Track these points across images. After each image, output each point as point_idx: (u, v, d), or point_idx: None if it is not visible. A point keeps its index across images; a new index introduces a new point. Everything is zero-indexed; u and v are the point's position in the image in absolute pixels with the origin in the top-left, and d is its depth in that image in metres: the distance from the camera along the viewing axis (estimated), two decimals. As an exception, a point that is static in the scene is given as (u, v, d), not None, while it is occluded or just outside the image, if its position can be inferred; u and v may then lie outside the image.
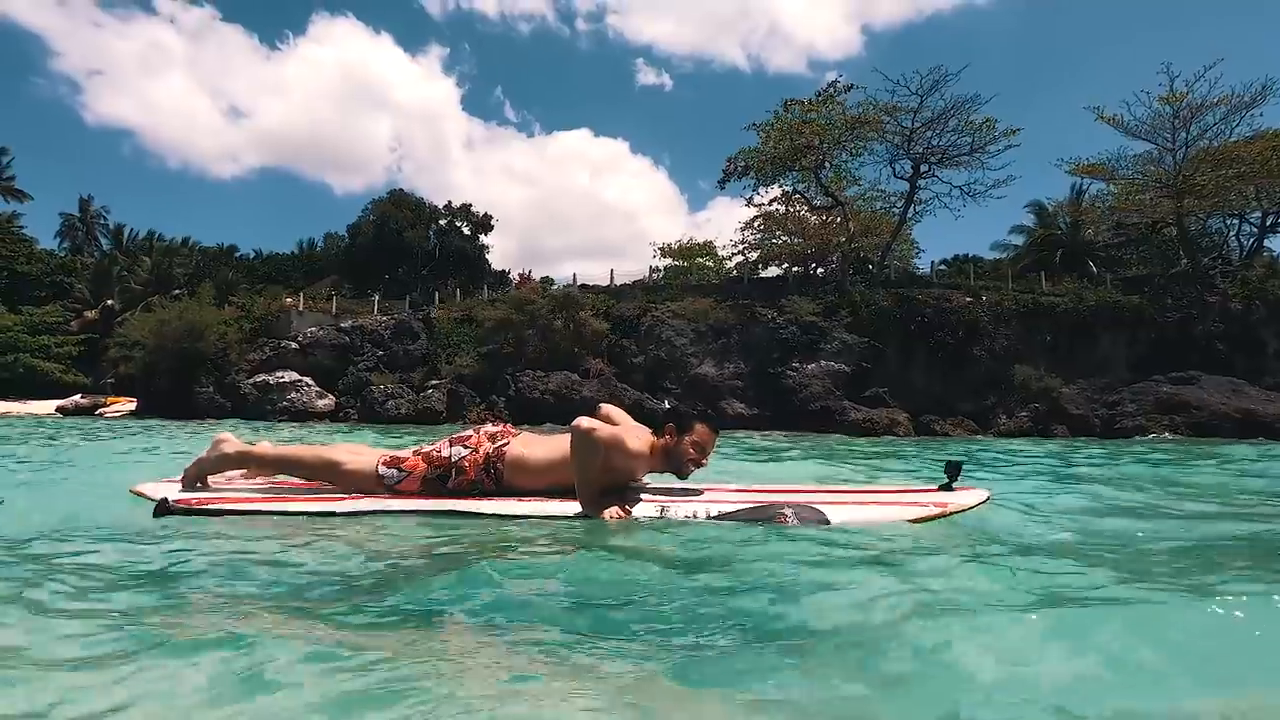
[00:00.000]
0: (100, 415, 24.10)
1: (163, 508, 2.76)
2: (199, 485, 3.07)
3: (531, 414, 18.25)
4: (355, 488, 2.94)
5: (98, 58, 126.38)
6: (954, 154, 23.25)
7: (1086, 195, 30.57)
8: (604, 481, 2.75)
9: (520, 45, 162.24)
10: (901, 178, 24.61)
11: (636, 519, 2.61)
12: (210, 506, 2.81)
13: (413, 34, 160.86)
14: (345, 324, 25.25)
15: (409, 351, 23.88)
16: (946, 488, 2.84)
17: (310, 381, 23.29)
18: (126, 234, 48.66)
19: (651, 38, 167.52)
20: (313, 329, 25.12)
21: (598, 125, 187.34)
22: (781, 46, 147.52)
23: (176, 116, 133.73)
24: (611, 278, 26.37)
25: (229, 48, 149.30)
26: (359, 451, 3.10)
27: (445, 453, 2.91)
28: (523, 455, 2.87)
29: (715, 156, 24.44)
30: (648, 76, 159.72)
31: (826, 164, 24.61)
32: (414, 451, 2.98)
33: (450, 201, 43.26)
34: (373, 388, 22.05)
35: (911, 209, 25.08)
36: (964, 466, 2.93)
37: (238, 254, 50.98)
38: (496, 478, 2.86)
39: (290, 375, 23.36)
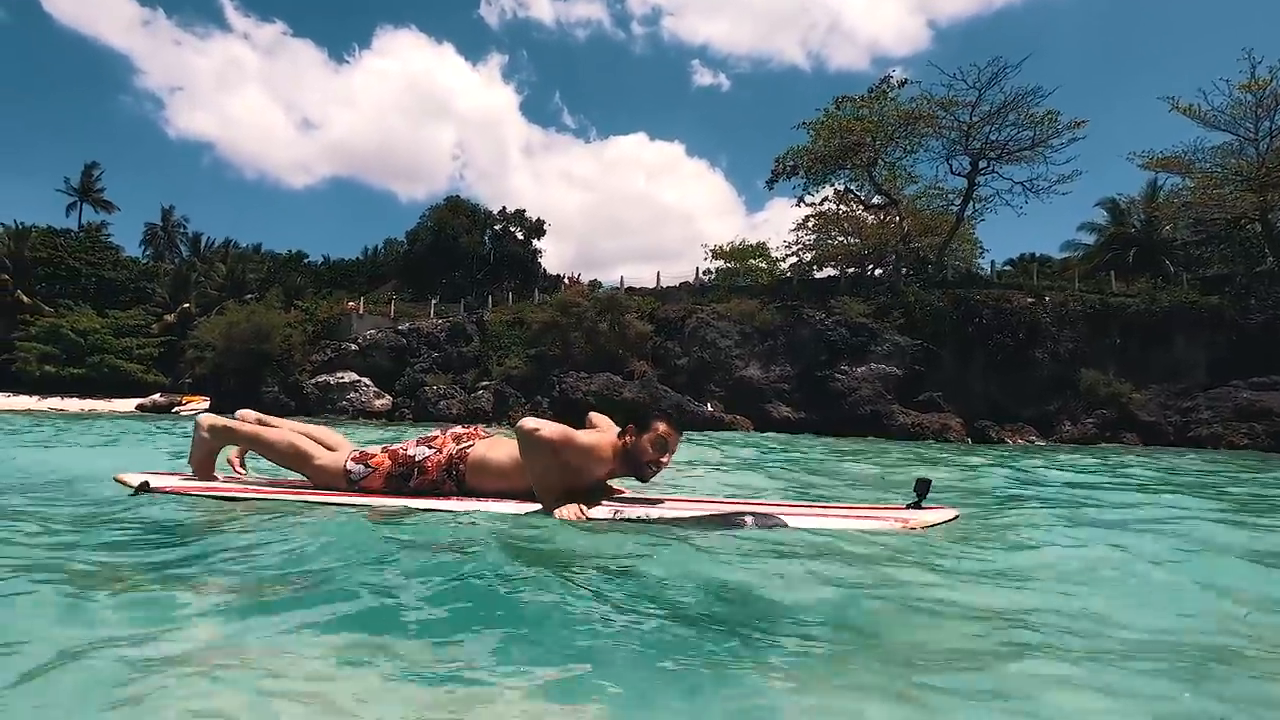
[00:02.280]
0: (177, 413, 25.45)
1: (143, 489, 2.91)
2: (210, 475, 3.16)
3: (575, 414, 18.34)
4: (323, 482, 2.97)
5: (179, 74, 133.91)
6: (1014, 149, 22.40)
7: (1162, 190, 29.00)
8: (564, 483, 2.66)
9: (577, 51, 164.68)
10: (959, 174, 23.87)
11: (591, 519, 2.54)
12: (190, 493, 2.94)
13: (473, 43, 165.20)
14: (402, 326, 26.02)
15: (462, 353, 24.41)
16: (915, 506, 2.72)
17: (369, 382, 24.07)
18: (204, 242, 51.41)
19: (707, 38, 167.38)
20: (372, 331, 25.97)
21: (654, 128, 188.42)
22: (843, 43, 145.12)
23: (252, 129, 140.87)
24: (658, 280, 26.35)
25: (300, 61, 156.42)
26: (334, 445, 3.12)
27: (410, 451, 2.90)
28: (485, 457, 2.83)
29: (773, 157, 24.22)
30: (704, 77, 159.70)
31: (880, 161, 24.04)
32: (383, 449, 2.98)
33: (505, 207, 44.15)
34: (426, 388, 22.62)
35: (971, 206, 24.28)
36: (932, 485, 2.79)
37: (306, 260, 53.15)
38: (458, 479, 2.83)
39: (350, 376, 24.20)
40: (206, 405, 26.20)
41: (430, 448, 2.89)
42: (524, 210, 43.85)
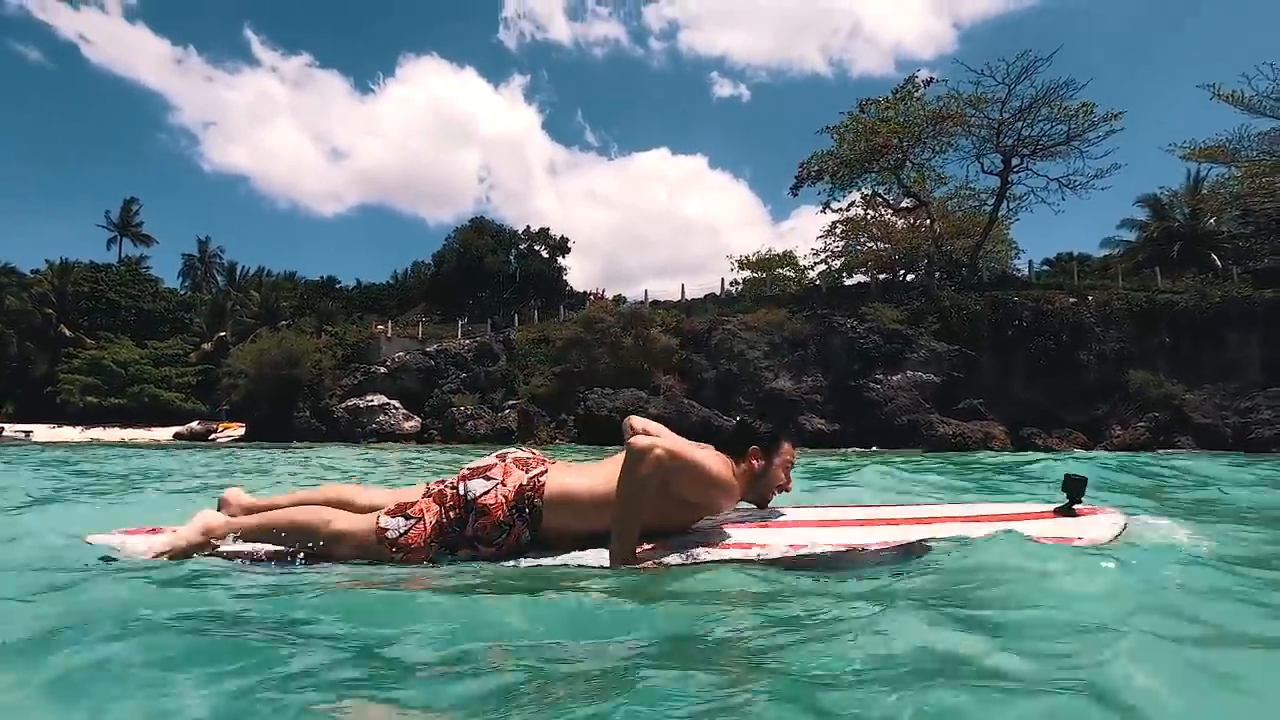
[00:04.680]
0: (213, 440, 25.74)
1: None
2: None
3: (599, 431, 18.02)
4: (345, 556, 2.17)
5: (211, 110, 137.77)
6: (1048, 144, 21.70)
7: (1207, 182, 27.91)
8: (656, 521, 2.14)
9: (596, 69, 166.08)
10: (991, 173, 23.22)
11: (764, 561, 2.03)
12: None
13: (494, 67, 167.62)
14: (430, 348, 26.08)
15: (489, 373, 24.33)
16: (1067, 510, 2.14)
17: (397, 404, 24.10)
18: (239, 271, 52.58)
19: (725, 49, 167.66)
20: (400, 354, 26.07)
21: (675, 143, 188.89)
22: (866, 48, 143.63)
23: (283, 161, 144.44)
24: (683, 292, 26.02)
25: (327, 92, 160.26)
26: (366, 504, 2.31)
27: (462, 489, 2.17)
28: (566, 488, 2.17)
29: (797, 163, 23.61)
30: (724, 89, 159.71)
31: (908, 163, 23.50)
32: (424, 493, 2.24)
33: (529, 226, 44.31)
34: (454, 409, 22.55)
35: (1005, 205, 23.58)
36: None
37: (338, 285, 54.03)
38: (533, 519, 2.14)
39: (379, 399, 24.26)
40: (242, 432, 26.48)
41: (488, 479, 2.18)
42: (548, 229, 44.06)
